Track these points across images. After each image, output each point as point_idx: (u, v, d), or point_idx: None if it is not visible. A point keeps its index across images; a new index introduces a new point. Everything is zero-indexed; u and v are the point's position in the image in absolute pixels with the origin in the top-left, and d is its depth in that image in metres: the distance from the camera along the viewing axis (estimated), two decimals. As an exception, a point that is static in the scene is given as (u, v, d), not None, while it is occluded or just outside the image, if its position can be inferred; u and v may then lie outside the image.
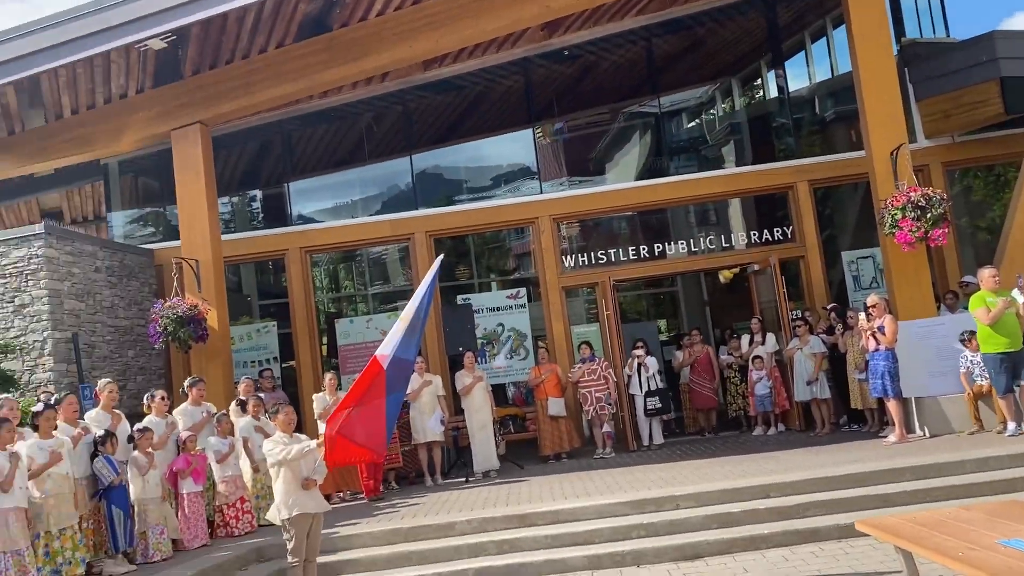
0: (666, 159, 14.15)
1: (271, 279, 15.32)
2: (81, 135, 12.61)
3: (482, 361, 12.89)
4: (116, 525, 7.54)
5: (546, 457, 11.64)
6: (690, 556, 7.04)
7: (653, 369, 11.88)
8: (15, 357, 10.65)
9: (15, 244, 11.08)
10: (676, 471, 9.45)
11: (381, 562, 7.55)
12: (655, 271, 14.00)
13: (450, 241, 14.17)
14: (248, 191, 15.28)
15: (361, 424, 6.31)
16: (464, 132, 14.86)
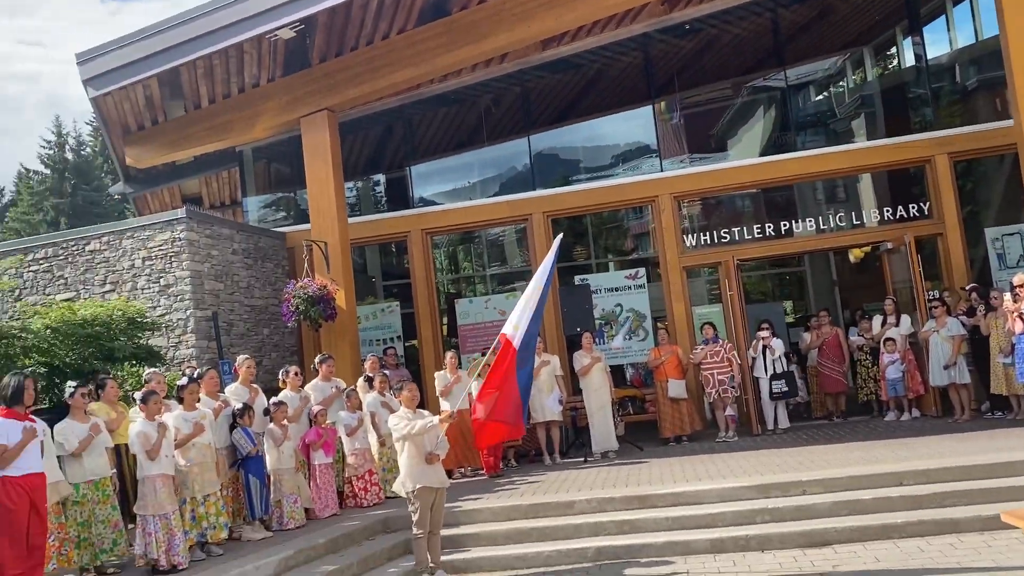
0: (792, 134, 13.64)
1: (394, 260, 15.74)
2: (218, 124, 13.28)
3: (600, 342, 12.85)
4: (253, 493, 7.97)
5: (666, 439, 11.52)
6: (818, 543, 6.83)
7: (779, 351, 11.54)
8: (161, 334, 11.38)
9: (160, 228, 11.80)
10: (803, 456, 9.16)
11: (501, 537, 7.68)
12: (781, 250, 13.55)
13: (567, 221, 14.15)
14: (372, 175, 15.73)
15: (502, 404, 6.73)
16: (582, 111, 14.77)
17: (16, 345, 9.35)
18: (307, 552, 7.22)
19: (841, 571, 6.08)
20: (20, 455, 6.08)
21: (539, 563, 7.16)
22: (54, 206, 31.92)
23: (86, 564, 6.86)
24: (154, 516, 6.75)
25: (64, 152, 33.88)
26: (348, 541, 7.72)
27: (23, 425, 6.17)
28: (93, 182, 33.17)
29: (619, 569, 6.78)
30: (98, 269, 12.00)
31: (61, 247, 12.24)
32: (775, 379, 11.40)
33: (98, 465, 6.99)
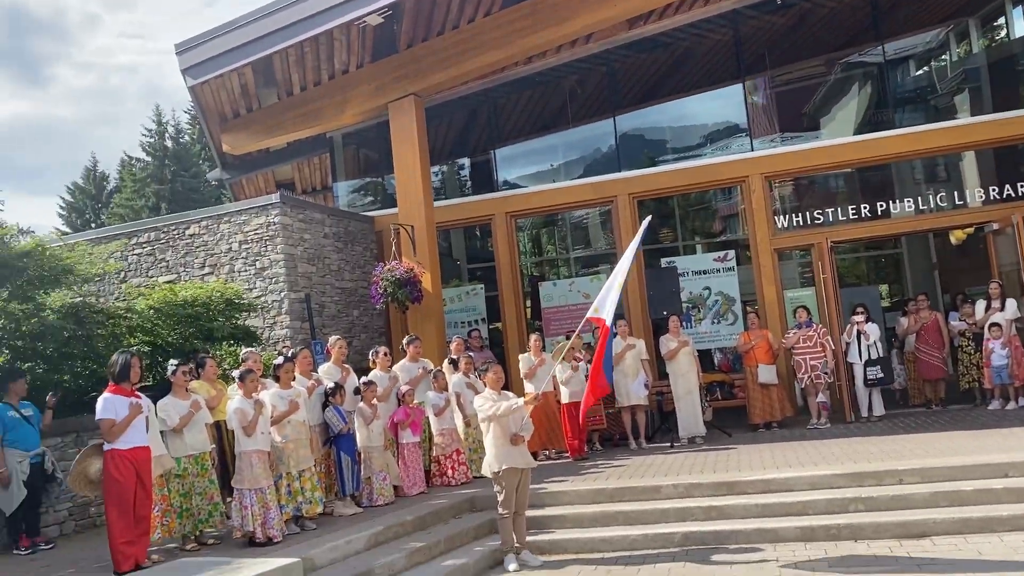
0: (890, 111, 13.10)
1: (478, 243, 15.86)
2: (309, 111, 13.60)
3: (687, 325, 12.67)
4: (345, 470, 8.18)
5: (755, 425, 11.30)
6: (915, 534, 6.60)
7: (874, 336, 11.15)
8: (257, 315, 11.77)
9: (255, 213, 12.19)
10: (899, 444, 8.86)
11: (587, 520, 7.69)
12: (877, 231, 13.07)
13: (653, 203, 13.97)
14: (457, 159, 15.85)
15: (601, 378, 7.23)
16: (669, 90, 14.52)
17: (122, 325, 9.83)
18: (396, 528, 7.38)
19: (940, 564, 5.86)
20: (127, 430, 6.40)
21: (624, 547, 7.15)
22: (155, 192, 33.28)
23: (187, 533, 7.18)
24: (250, 490, 6.99)
25: (164, 140, 35.25)
26: (435, 519, 7.86)
27: (130, 401, 6.49)
28: (191, 169, 34.43)
29: (706, 555, 6.71)
30: (197, 252, 12.48)
31: (163, 231, 12.78)
32: (870, 365, 11.03)
33: (198, 440, 7.30)
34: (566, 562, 6.95)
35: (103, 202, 35.65)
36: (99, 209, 35.42)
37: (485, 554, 7.08)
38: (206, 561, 5.72)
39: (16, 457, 7.66)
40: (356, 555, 6.82)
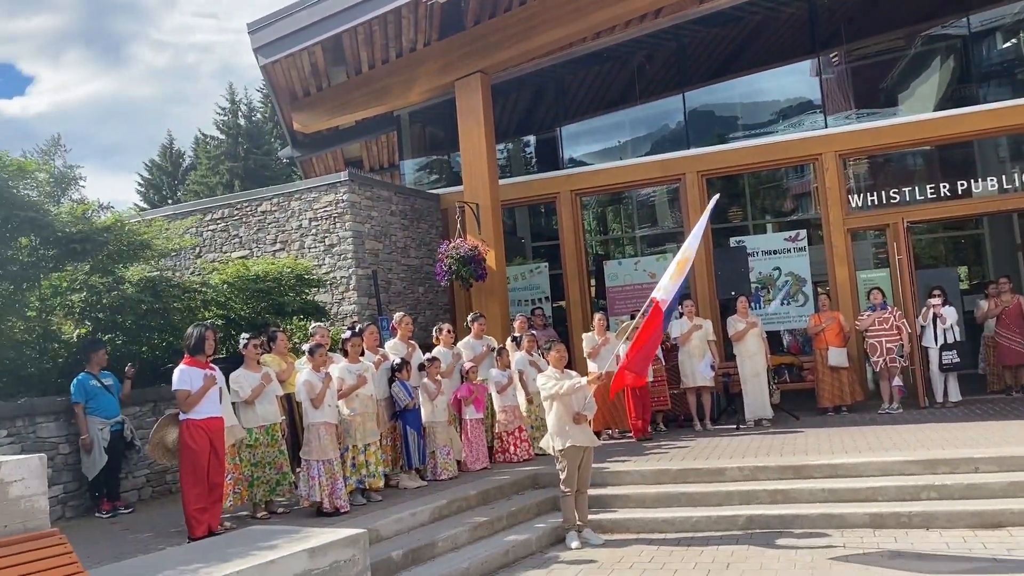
0: (974, 86, 12.56)
1: (543, 221, 15.83)
2: (377, 89, 13.73)
3: (756, 306, 12.46)
4: (410, 444, 8.32)
5: (824, 409, 11.08)
6: (990, 524, 6.40)
7: (951, 320, 10.78)
8: (326, 291, 12.00)
9: (324, 190, 12.39)
10: (975, 432, 8.58)
11: (650, 500, 7.66)
12: (957, 211, 12.58)
13: (722, 181, 13.71)
14: (523, 136, 15.80)
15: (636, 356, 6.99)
16: (740, 66, 14.17)
17: (197, 299, 10.13)
18: (459, 502, 7.48)
19: (1016, 555, 5.68)
20: (201, 400, 6.61)
21: (687, 528, 7.11)
22: (229, 169, 34.07)
23: (258, 502, 7.40)
24: (318, 461, 7.16)
25: (237, 118, 36.02)
26: (498, 494, 7.93)
27: (204, 373, 6.70)
28: (263, 146, 35.13)
29: (770, 538, 6.63)
30: (269, 229, 12.76)
31: (236, 208, 13.10)
32: (946, 349, 10.69)
33: (269, 412, 7.50)
34: (628, 541, 6.95)
35: (179, 179, 36.68)
36: (175, 186, 36.46)
37: (547, 531, 7.13)
38: (276, 529, 5.89)
39: (97, 424, 8.01)
40: (420, 527, 6.95)
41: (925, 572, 5.51)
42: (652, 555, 6.49)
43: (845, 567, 5.75)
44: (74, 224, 8.69)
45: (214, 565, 4.80)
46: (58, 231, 8.49)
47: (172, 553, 5.44)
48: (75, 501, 8.15)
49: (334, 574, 5.20)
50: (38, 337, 9.02)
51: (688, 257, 7.15)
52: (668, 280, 7.04)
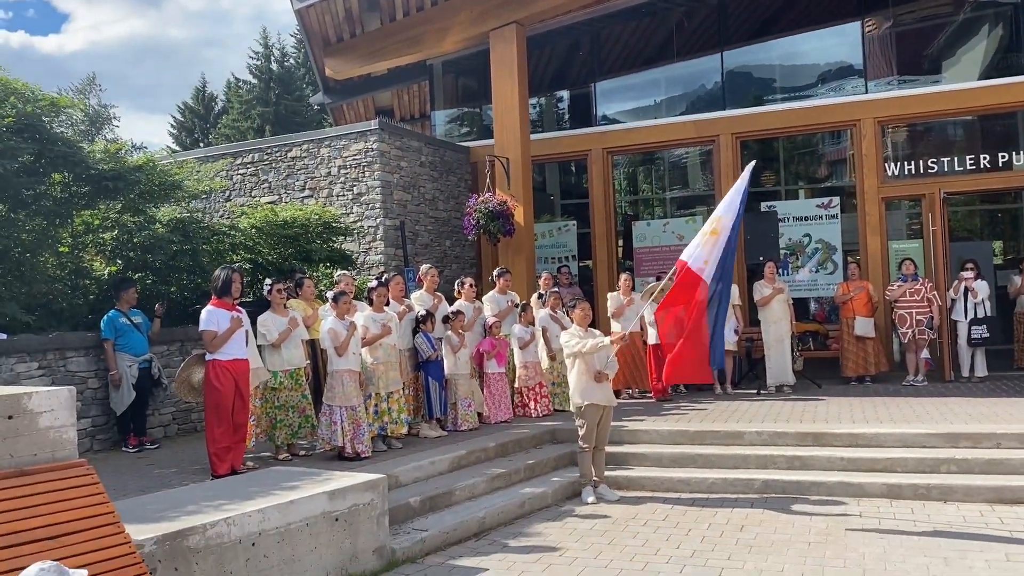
0: (1022, 55, 12.19)
1: (573, 179, 15.71)
2: (410, 37, 13.59)
3: (784, 272, 12.34)
4: (432, 394, 8.40)
5: (848, 378, 11.01)
6: (1008, 500, 6.37)
7: (983, 295, 10.62)
8: (353, 239, 12.04)
9: (354, 139, 12.36)
10: (999, 407, 8.50)
11: (666, 460, 7.70)
12: (996, 184, 12.31)
13: (757, 145, 13.50)
14: (556, 91, 15.61)
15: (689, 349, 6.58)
16: (781, 27, 13.83)
17: (226, 241, 10.22)
18: (478, 453, 7.56)
19: (1034, 532, 5.66)
20: (227, 342, 6.69)
21: (703, 489, 7.14)
22: (260, 114, 34.08)
23: (280, 444, 7.52)
24: (341, 407, 7.25)
25: (270, 63, 35.93)
26: (517, 447, 8.01)
27: (231, 315, 6.78)
28: (295, 92, 35.06)
29: (786, 503, 6.64)
30: (298, 175, 12.78)
31: (266, 153, 13.12)
32: (975, 324, 10.55)
33: (295, 356, 7.59)
34: (643, 499, 7.00)
35: (211, 122, 36.77)
36: (207, 129, 36.57)
37: (563, 485, 7.19)
38: (297, 471, 6.00)
39: (126, 361, 8.16)
40: (439, 476, 7.04)
41: (942, 544, 5.50)
42: (666, 513, 6.54)
43: (860, 536, 5.75)
44: (107, 162, 8.77)
45: (236, 502, 4.91)
46: (91, 168, 8.57)
47: (195, 489, 5.56)
48: (103, 435, 8.34)
49: (352, 517, 5.30)
50: (70, 273, 9.17)
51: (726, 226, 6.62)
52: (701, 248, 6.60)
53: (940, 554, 5.28)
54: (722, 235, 6.57)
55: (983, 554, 5.24)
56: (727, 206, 6.69)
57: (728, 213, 6.65)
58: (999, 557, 5.18)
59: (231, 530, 4.59)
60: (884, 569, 5.07)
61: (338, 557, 5.19)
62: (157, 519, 4.55)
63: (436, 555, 5.73)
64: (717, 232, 6.57)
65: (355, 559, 5.29)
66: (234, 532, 4.60)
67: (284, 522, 4.87)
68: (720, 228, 6.58)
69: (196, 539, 4.41)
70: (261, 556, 4.72)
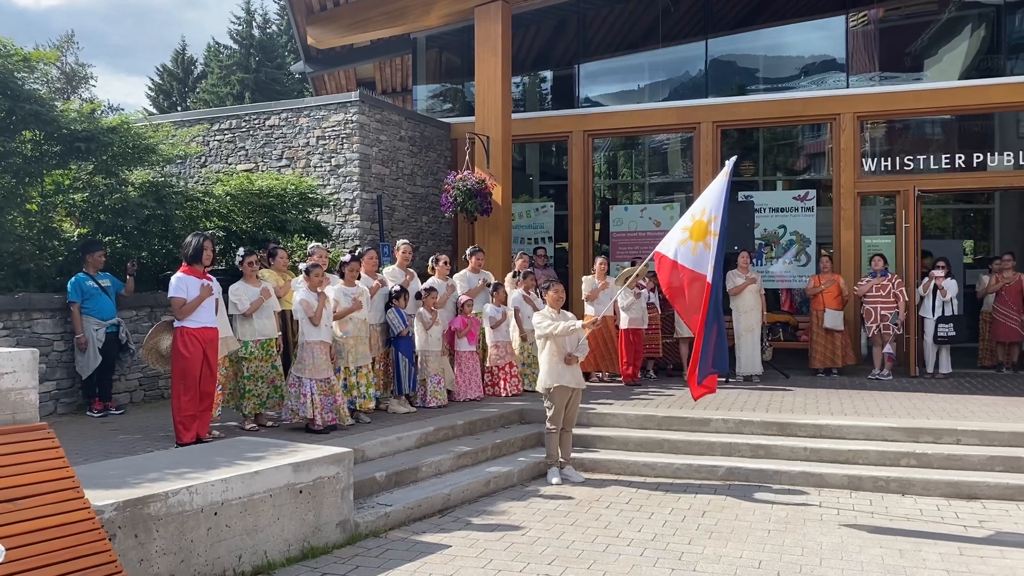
0: (1002, 57, 12.30)
1: (553, 160, 15.67)
2: (395, 9, 13.43)
3: (758, 262, 12.43)
4: (402, 370, 8.38)
5: (815, 370, 11.14)
6: (965, 495, 6.50)
7: (951, 293, 10.75)
8: (329, 211, 11.95)
9: (334, 109, 12.23)
10: (961, 404, 8.65)
11: (632, 444, 7.76)
12: (970, 184, 12.47)
13: (737, 134, 13.55)
14: (539, 71, 15.53)
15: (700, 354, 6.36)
16: (767, 17, 13.84)
17: (199, 208, 10.10)
18: (446, 431, 7.58)
19: (987, 527, 5.77)
20: (197, 309, 6.63)
21: (668, 474, 7.21)
22: (240, 80, 33.62)
23: (248, 414, 7.49)
24: (311, 379, 7.22)
25: (252, 29, 35.40)
26: (485, 426, 8.03)
27: (201, 282, 6.71)
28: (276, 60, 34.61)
29: (748, 491, 6.73)
30: (276, 144, 12.64)
31: (244, 120, 12.94)
32: (943, 322, 10.70)
33: (266, 326, 7.53)
34: (607, 482, 7.06)
35: (190, 86, 36.23)
36: (185, 93, 36.04)
37: (529, 465, 7.23)
38: (263, 441, 5.97)
39: (93, 325, 8.07)
40: (406, 451, 7.05)
41: (898, 536, 5.60)
42: (630, 496, 6.60)
43: (819, 525, 5.84)
44: (80, 122, 8.61)
45: (200, 471, 4.88)
46: (63, 128, 8.41)
47: (159, 456, 5.53)
48: (67, 398, 8.26)
49: (317, 490, 5.29)
50: (39, 233, 9.03)
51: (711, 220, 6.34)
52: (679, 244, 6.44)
53: (896, 546, 5.38)
54: (720, 236, 6.33)
55: (937, 547, 5.34)
56: (716, 204, 6.41)
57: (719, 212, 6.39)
58: (952, 551, 5.28)
59: (193, 498, 4.57)
60: (840, 559, 5.15)
61: (301, 529, 5.19)
62: (118, 485, 4.52)
63: (399, 530, 5.75)
64: (716, 234, 6.31)
65: (318, 531, 5.29)
66: (196, 500, 4.58)
67: (247, 492, 4.86)
68: (717, 230, 6.33)
69: (157, 506, 4.39)
70: (223, 525, 4.71)
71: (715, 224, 6.37)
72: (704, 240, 6.38)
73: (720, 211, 6.40)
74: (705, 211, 6.46)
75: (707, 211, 6.46)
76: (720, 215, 6.39)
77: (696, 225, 6.46)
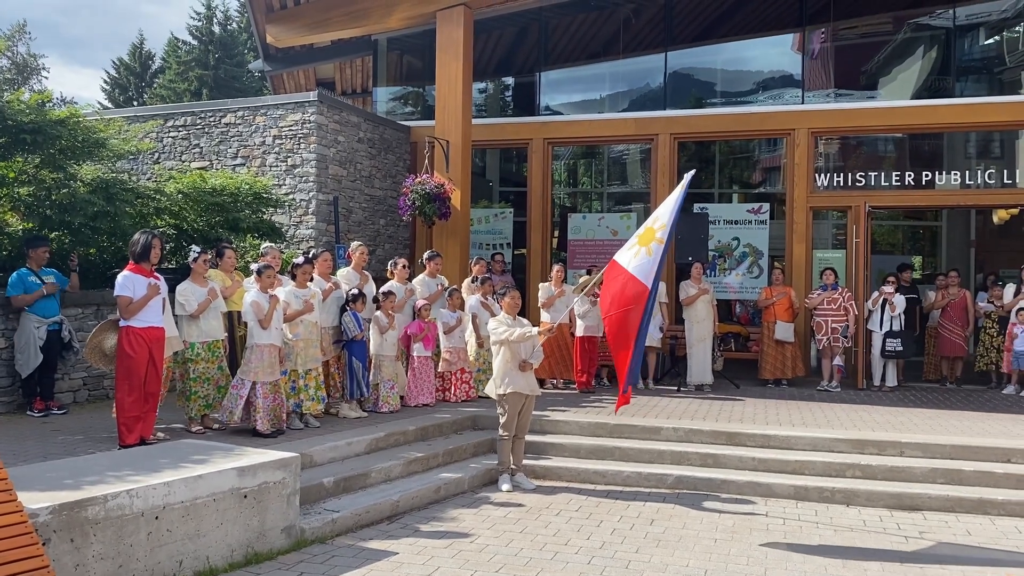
0: (952, 79, 12.63)
1: (513, 167, 15.70)
2: (356, 10, 13.33)
3: (711, 274, 12.57)
4: (355, 374, 8.29)
5: (765, 381, 11.29)
6: (907, 506, 6.62)
7: (900, 308, 10.97)
8: (284, 212, 11.80)
9: (291, 109, 12.09)
10: (905, 417, 8.83)
11: (584, 451, 7.77)
12: (919, 201, 12.76)
13: (695, 146, 13.70)
14: (501, 78, 15.55)
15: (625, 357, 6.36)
16: (726, 32, 14.04)
17: (151, 205, 9.90)
18: (397, 436, 7.51)
19: (927, 538, 5.89)
20: (143, 309, 6.49)
21: (618, 482, 7.24)
22: (198, 77, 33.14)
23: (193, 416, 7.34)
24: (258, 383, 7.10)
25: (212, 25, 34.93)
26: (437, 432, 7.98)
27: (148, 281, 6.57)
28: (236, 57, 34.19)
29: (697, 500, 6.77)
30: (231, 142, 12.46)
31: (199, 117, 12.74)
32: (891, 336, 10.91)
33: (212, 327, 7.39)
34: (558, 489, 7.05)
35: (147, 81, 35.62)
36: (142, 88, 35.42)
37: (481, 471, 7.20)
38: (208, 445, 5.85)
39: (34, 322, 7.85)
40: (355, 457, 6.97)
41: (842, 547, 5.69)
42: (580, 504, 6.61)
43: (765, 535, 5.91)
44: (27, 114, 8.38)
45: (142, 474, 4.77)
46: (8, 119, 8.19)
47: (100, 458, 5.39)
48: (7, 397, 8.03)
49: (262, 495, 5.20)
50: (-19, 227, 8.77)
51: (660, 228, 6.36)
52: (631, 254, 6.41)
53: (839, 557, 5.46)
54: (665, 244, 6.37)
55: (879, 560, 5.43)
56: (668, 214, 6.44)
57: (669, 220, 6.42)
58: (894, 562, 5.37)
59: (133, 502, 4.46)
60: (784, 568, 5.21)
61: (245, 534, 5.09)
62: (55, 487, 4.39)
63: (346, 536, 5.68)
64: (662, 241, 6.34)
65: (262, 537, 5.20)
66: (137, 504, 4.47)
67: (190, 496, 4.76)
68: (664, 238, 6.35)
69: (95, 510, 4.27)
70: (164, 530, 4.60)
71: (662, 232, 6.33)
72: (648, 246, 6.34)
73: (670, 220, 6.38)
74: (657, 219, 6.48)
75: (659, 219, 6.47)
76: (669, 223, 6.37)
77: (646, 232, 6.45)
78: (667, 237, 6.38)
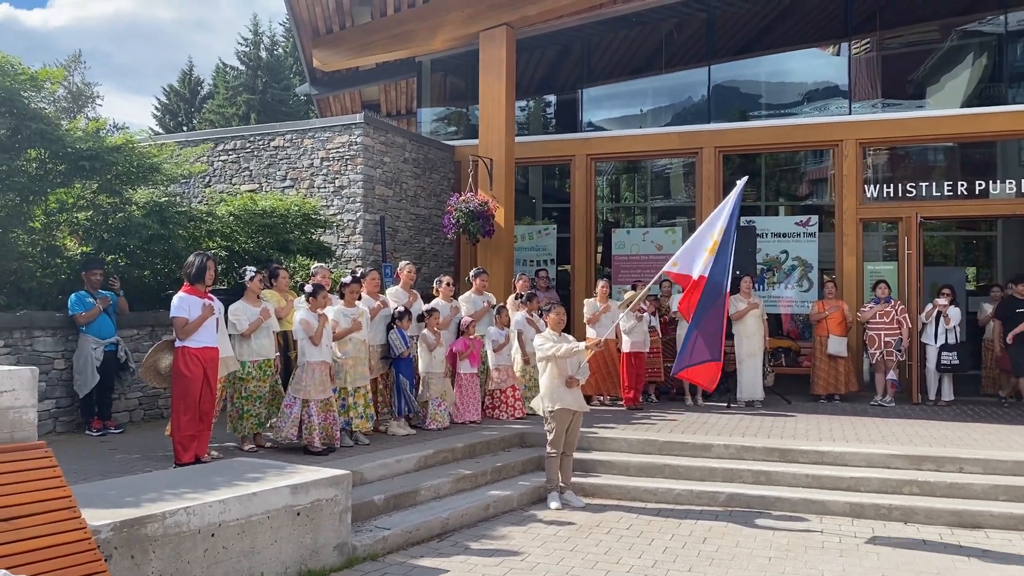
0: (1003, 86, 12.37)
1: (556, 184, 15.73)
2: (401, 33, 13.55)
3: (760, 287, 12.42)
4: (403, 392, 8.34)
5: (817, 396, 11.09)
6: (968, 524, 6.44)
7: (955, 321, 10.70)
8: (332, 232, 11.97)
9: (338, 131, 12.29)
10: (964, 432, 8.60)
11: (633, 469, 7.71)
12: (972, 211, 12.49)
13: (740, 159, 13.59)
14: (543, 95, 15.63)
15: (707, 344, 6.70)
16: (769, 43, 13.96)
17: (203, 228, 10.11)
18: (445, 453, 7.53)
19: (990, 557, 5.71)
20: (198, 329, 6.62)
21: (669, 500, 7.16)
22: (246, 101, 33.81)
23: (247, 434, 7.45)
24: (310, 401, 7.19)
25: (259, 50, 35.66)
26: (485, 449, 7.98)
27: (203, 302, 6.70)
28: (282, 81, 34.81)
29: (749, 518, 6.67)
30: (280, 164, 12.69)
31: (248, 140, 13.01)
32: (946, 349, 10.65)
33: (264, 346, 7.51)
34: (607, 507, 7.00)
35: (196, 107, 36.44)
36: (192, 113, 36.23)
37: (529, 489, 7.18)
38: (261, 463, 5.94)
39: (91, 343, 8.05)
40: (405, 474, 7.00)
41: (900, 565, 5.55)
42: (631, 522, 6.55)
43: (820, 553, 5.79)
44: (84, 141, 8.64)
45: (198, 491, 4.85)
46: (68, 146, 8.45)
47: (157, 476, 5.49)
48: (66, 417, 8.23)
49: (315, 512, 5.25)
50: (41, 251, 9.04)
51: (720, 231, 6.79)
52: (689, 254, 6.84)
53: (898, 575, 5.33)
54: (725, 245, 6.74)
55: (940, 577, 5.29)
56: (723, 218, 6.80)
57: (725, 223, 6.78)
58: (956, 580, 5.23)
59: (191, 519, 4.53)
60: (842, 587, 5.10)
61: (298, 551, 5.15)
62: (115, 505, 4.49)
63: (397, 554, 5.70)
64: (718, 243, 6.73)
65: (315, 554, 5.25)
66: (194, 522, 4.55)
67: (245, 514, 4.82)
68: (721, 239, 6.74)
69: (154, 527, 4.35)
70: (220, 547, 4.67)
71: (720, 235, 6.68)
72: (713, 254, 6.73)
73: (725, 222, 6.73)
74: (713, 228, 6.81)
75: (713, 227, 6.82)
76: (725, 225, 6.71)
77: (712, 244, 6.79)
78: (725, 237, 6.69)
